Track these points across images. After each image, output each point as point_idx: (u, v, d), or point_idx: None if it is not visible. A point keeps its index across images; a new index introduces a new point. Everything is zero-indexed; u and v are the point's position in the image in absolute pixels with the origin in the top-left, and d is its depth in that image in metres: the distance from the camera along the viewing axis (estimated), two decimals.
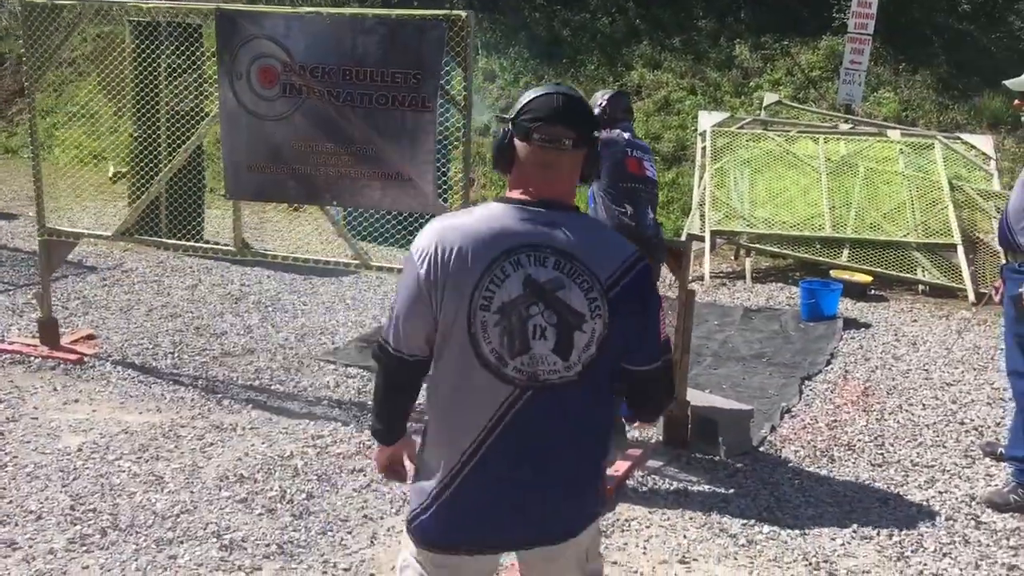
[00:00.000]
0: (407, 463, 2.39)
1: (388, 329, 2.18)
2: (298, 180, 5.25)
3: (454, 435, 2.14)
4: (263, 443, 4.71)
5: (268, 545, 3.76)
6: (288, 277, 7.85)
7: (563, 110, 2.10)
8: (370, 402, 5.22)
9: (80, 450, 4.53)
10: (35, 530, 3.80)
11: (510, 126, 2.14)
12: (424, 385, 2.24)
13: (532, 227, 2.07)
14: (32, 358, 5.69)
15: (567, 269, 2.06)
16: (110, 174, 11.41)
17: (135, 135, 8.45)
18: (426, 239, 2.10)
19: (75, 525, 3.85)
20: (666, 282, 7.10)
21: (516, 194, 2.13)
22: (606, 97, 4.79)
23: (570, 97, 2.12)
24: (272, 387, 5.50)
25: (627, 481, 4.44)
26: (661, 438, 4.88)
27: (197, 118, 8.13)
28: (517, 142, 2.12)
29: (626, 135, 4.68)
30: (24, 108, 14.61)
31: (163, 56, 7.91)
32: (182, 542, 3.76)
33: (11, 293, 7.07)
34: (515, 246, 2.05)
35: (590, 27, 13.48)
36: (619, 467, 4.48)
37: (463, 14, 4.75)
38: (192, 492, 4.17)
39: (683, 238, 8.28)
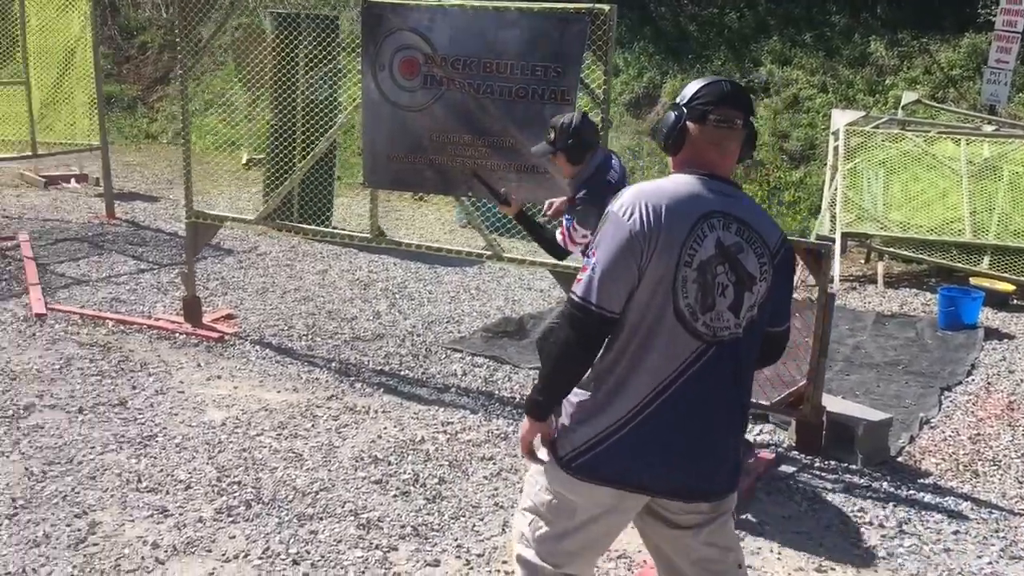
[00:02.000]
0: (540, 448, 2.45)
1: (588, 288, 2.26)
2: (435, 170, 5.34)
3: (639, 379, 2.28)
4: (395, 427, 4.81)
5: (403, 526, 3.84)
6: (414, 265, 7.99)
7: (733, 94, 2.35)
8: (499, 391, 5.33)
9: (224, 424, 4.73)
10: (185, 499, 3.98)
11: (684, 111, 2.35)
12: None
13: (717, 196, 2.30)
14: (177, 334, 5.96)
15: (745, 235, 2.30)
16: (243, 161, 11.86)
17: (272, 123, 8.74)
18: (630, 198, 2.28)
19: (221, 496, 4.01)
20: (801, 282, 6.92)
21: (692, 170, 2.35)
22: (578, 119, 4.18)
23: (735, 83, 2.40)
24: (402, 372, 5.61)
25: (758, 484, 4.35)
26: (793, 442, 4.77)
27: (331, 108, 8.38)
28: (690, 124, 2.34)
29: (615, 165, 4.28)
30: (165, 96, 15.30)
31: (302, 47, 8.15)
32: (321, 518, 3.87)
33: (156, 272, 7.42)
34: (709, 211, 2.27)
35: (718, 22, 13.25)
36: (749, 470, 4.40)
37: (606, 8, 4.73)
38: (330, 471, 4.29)
39: (812, 239, 8.06)
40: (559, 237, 4.32)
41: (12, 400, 4.84)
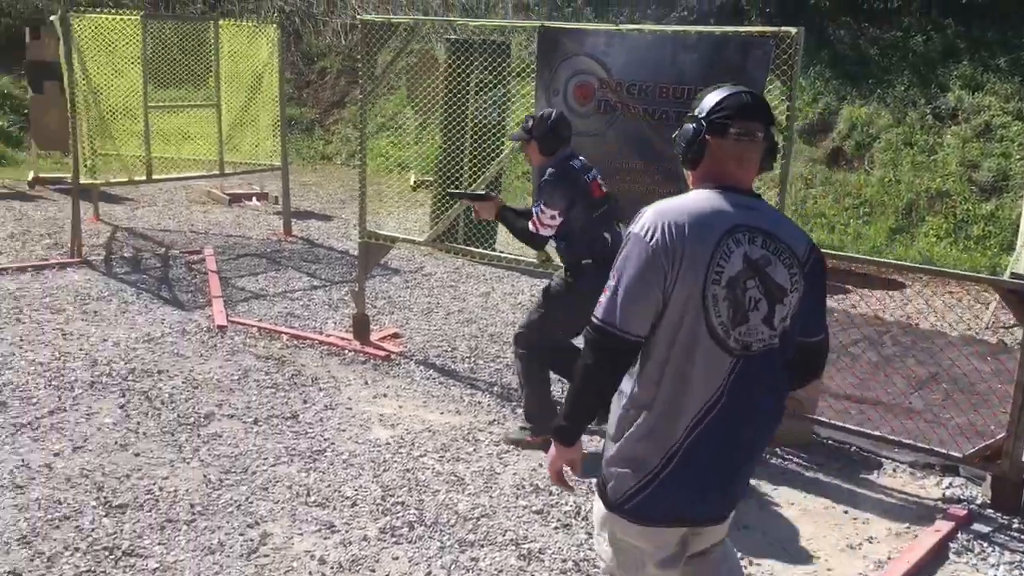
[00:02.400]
0: (570, 473, 2.46)
1: (610, 312, 2.22)
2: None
3: (680, 407, 2.23)
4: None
5: (565, 560, 3.75)
6: None
7: (753, 106, 2.30)
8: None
9: (388, 443, 4.78)
10: (351, 516, 4.03)
11: (703, 123, 2.29)
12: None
13: (740, 210, 2.25)
14: (346, 351, 6.11)
15: (772, 248, 2.25)
16: (411, 183, 12.16)
17: (442, 147, 8.91)
18: (650, 219, 2.22)
19: (385, 516, 4.04)
20: (993, 323, 6.41)
21: (713, 184, 2.29)
22: (557, 115, 4.63)
23: (754, 95, 2.34)
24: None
25: (950, 544, 4.01)
26: (988, 499, 4.38)
27: (499, 132, 8.46)
28: (709, 137, 2.28)
29: (580, 159, 4.67)
30: (340, 119, 15.95)
31: (474, 72, 8.27)
32: (482, 546, 3.83)
33: (328, 289, 7.67)
34: (733, 226, 2.21)
35: (901, 45, 12.60)
36: (940, 528, 4.06)
37: (792, 31, 4.53)
38: (491, 497, 4.26)
39: (1005, 277, 7.47)
40: (531, 226, 4.61)
41: (194, 408, 5.06)
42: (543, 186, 4.53)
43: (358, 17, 5.91)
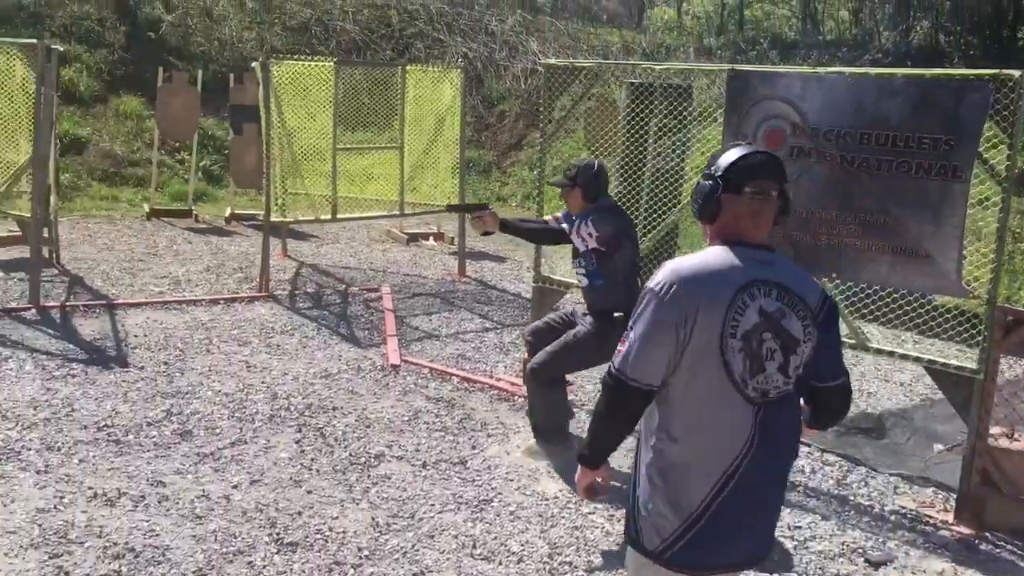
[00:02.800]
0: (601, 483, 2.60)
1: (624, 361, 2.36)
2: (795, 247, 4.95)
3: (711, 456, 2.34)
4: None
5: None
6: None
7: (768, 165, 2.42)
8: (854, 497, 4.73)
9: (557, 497, 4.62)
10: (517, 572, 3.89)
11: (719, 182, 2.39)
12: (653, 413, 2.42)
13: (754, 265, 2.35)
14: (516, 397, 6.02)
15: (786, 300, 2.36)
16: None
17: (618, 190, 8.75)
18: (667, 276, 2.35)
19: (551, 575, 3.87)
20: None
21: (728, 240, 2.40)
22: (600, 164, 4.97)
23: (769, 154, 2.47)
24: None
25: None
26: None
27: (677, 177, 8.23)
28: (725, 196, 2.39)
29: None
30: (517, 161, 16.13)
31: (654, 116, 8.11)
32: None
33: (499, 332, 7.64)
34: (748, 282, 2.32)
35: None
36: None
37: (1015, 74, 4.13)
38: None
39: None
40: (551, 222, 5.10)
41: (365, 448, 5.09)
42: (595, 211, 4.81)
43: (541, 61, 5.88)
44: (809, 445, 5.48)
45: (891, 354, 4.79)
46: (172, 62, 14.72)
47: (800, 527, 4.42)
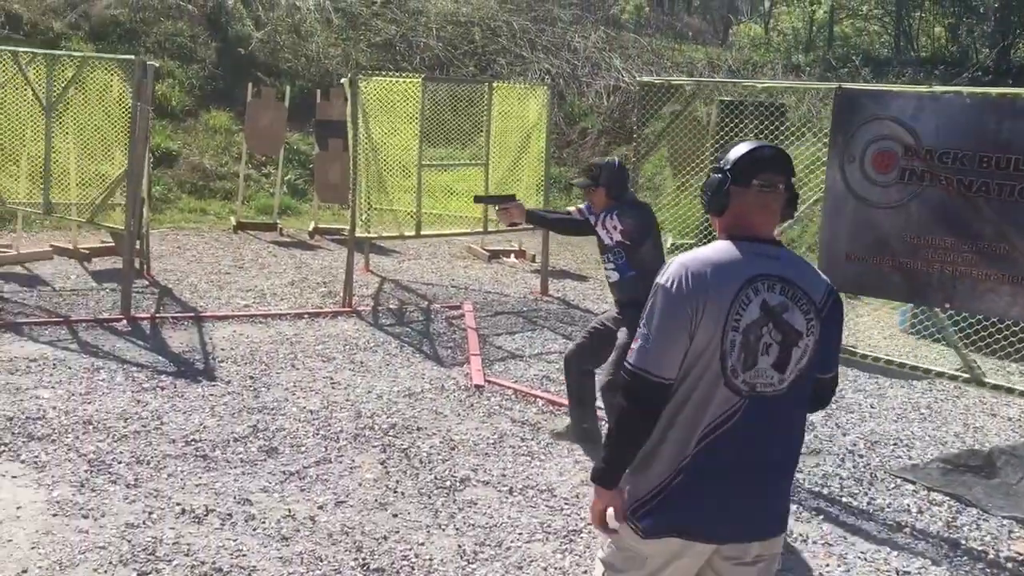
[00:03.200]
0: (612, 519, 2.53)
1: (642, 356, 2.39)
2: (904, 275, 4.72)
3: (684, 434, 2.40)
4: (839, 565, 4.20)
5: None
6: (852, 373, 7.25)
7: (777, 159, 2.47)
8: (965, 540, 4.42)
9: None
10: None
11: (728, 175, 2.44)
12: None
13: (760, 259, 2.41)
14: (603, 422, 5.84)
15: (790, 294, 2.40)
16: (668, 245, 11.85)
17: (703, 214, 8.55)
18: (676, 271, 2.38)
19: None
20: None
21: (736, 233, 2.45)
22: (620, 162, 5.09)
23: (777, 148, 2.51)
24: (843, 499, 4.96)
25: None
26: None
27: None
28: (734, 188, 2.44)
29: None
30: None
31: (745, 134, 7.88)
32: None
33: None
34: (752, 276, 2.37)
35: None
36: None
37: None
38: None
39: None
40: (575, 215, 5.24)
41: (451, 471, 4.99)
42: (621, 206, 4.94)
43: (638, 79, 5.75)
44: (914, 483, 5.20)
45: (1011, 391, 4.50)
46: (260, 78, 14.98)
47: (909, 572, 4.17)
